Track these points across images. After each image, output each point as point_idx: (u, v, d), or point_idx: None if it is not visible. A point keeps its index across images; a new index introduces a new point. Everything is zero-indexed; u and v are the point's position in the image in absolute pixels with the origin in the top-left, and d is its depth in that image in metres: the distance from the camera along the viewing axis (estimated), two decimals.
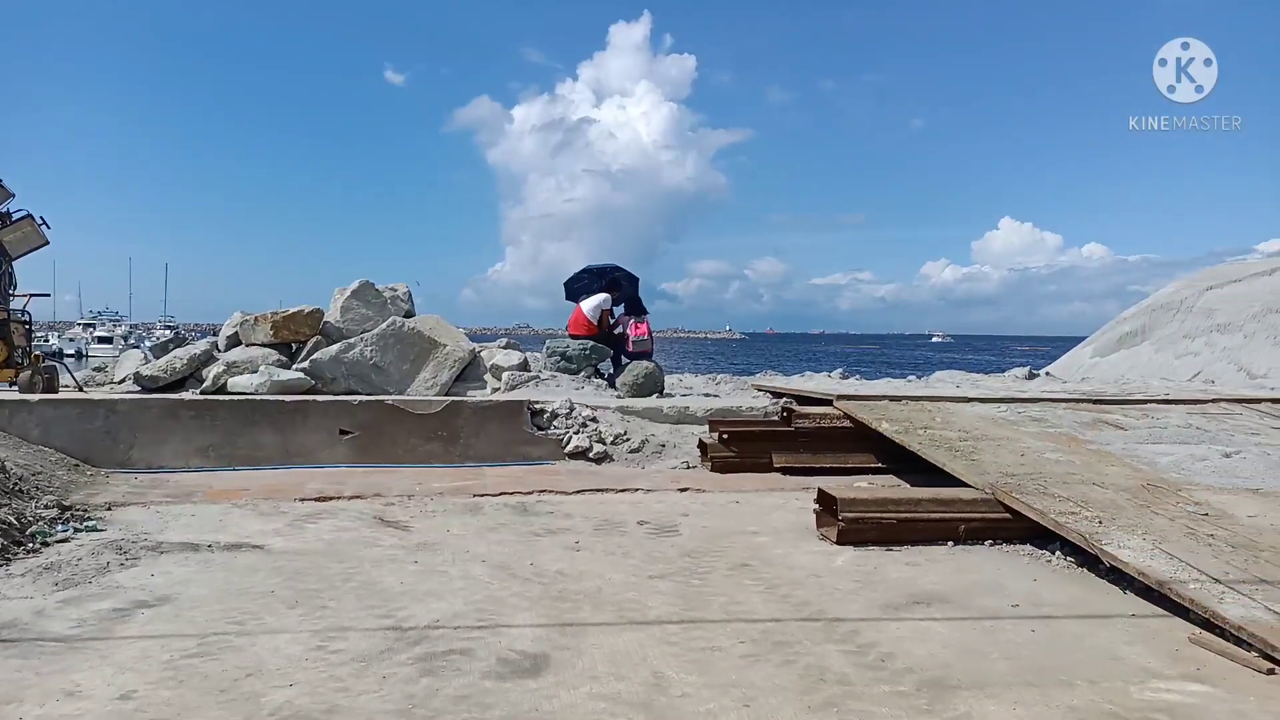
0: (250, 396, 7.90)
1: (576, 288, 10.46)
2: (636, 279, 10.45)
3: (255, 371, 8.30)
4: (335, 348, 8.61)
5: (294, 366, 8.60)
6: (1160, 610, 4.06)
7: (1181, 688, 3.23)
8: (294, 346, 9.06)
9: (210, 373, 8.34)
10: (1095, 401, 8.28)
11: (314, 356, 8.57)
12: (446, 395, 8.44)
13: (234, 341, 9.15)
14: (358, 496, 6.38)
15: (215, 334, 9.82)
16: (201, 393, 8.15)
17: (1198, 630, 3.77)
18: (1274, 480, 5.88)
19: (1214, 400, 8.51)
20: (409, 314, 9.51)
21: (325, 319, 9.23)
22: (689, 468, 7.71)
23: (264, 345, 8.88)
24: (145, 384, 8.38)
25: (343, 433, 7.70)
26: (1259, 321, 14.52)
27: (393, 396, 8.11)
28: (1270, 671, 3.35)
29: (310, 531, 5.41)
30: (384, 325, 8.78)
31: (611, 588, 4.35)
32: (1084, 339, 17.76)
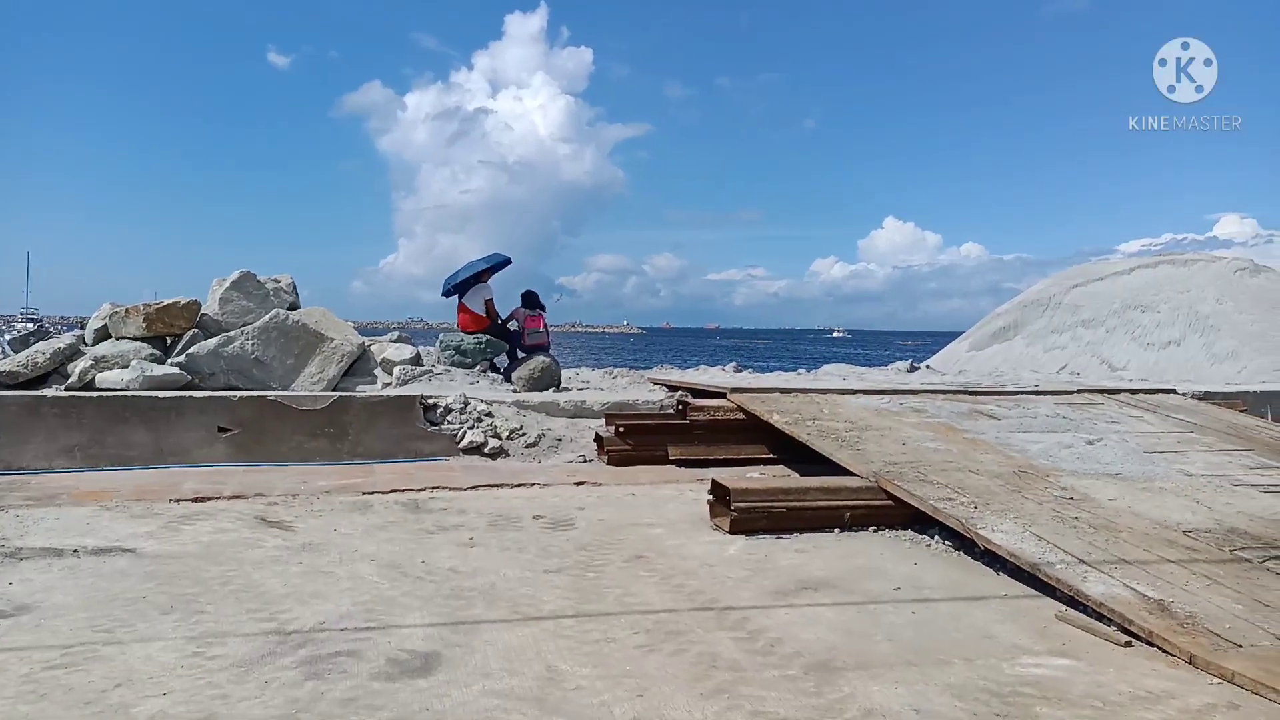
0: (120, 392, 7.46)
1: (450, 291, 10.20)
2: (501, 257, 10.30)
3: (126, 366, 7.85)
4: (214, 341, 8.22)
5: (169, 361, 8.17)
6: (1030, 590, 4.29)
7: (1048, 662, 3.42)
8: (169, 340, 8.60)
9: (76, 368, 7.85)
10: (971, 393, 8.68)
11: (190, 350, 8.16)
12: (334, 390, 8.18)
13: (103, 335, 8.62)
14: (238, 496, 6.12)
15: (82, 327, 9.24)
16: (67, 389, 7.66)
17: (1064, 608, 4.01)
18: (1132, 466, 6.30)
19: (1079, 391, 9.04)
20: (293, 306, 9.17)
21: (203, 311, 8.80)
22: (586, 461, 7.71)
23: (136, 339, 8.40)
24: (3, 380, 7.81)
25: (221, 430, 7.37)
26: (1119, 317, 15.53)
27: (276, 392, 7.81)
28: (1127, 644, 3.59)
29: (186, 533, 5.15)
30: (266, 318, 8.44)
31: (506, 583, 4.31)
32: (961, 334, 18.60)
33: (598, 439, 7.84)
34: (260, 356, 8.23)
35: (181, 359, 8.10)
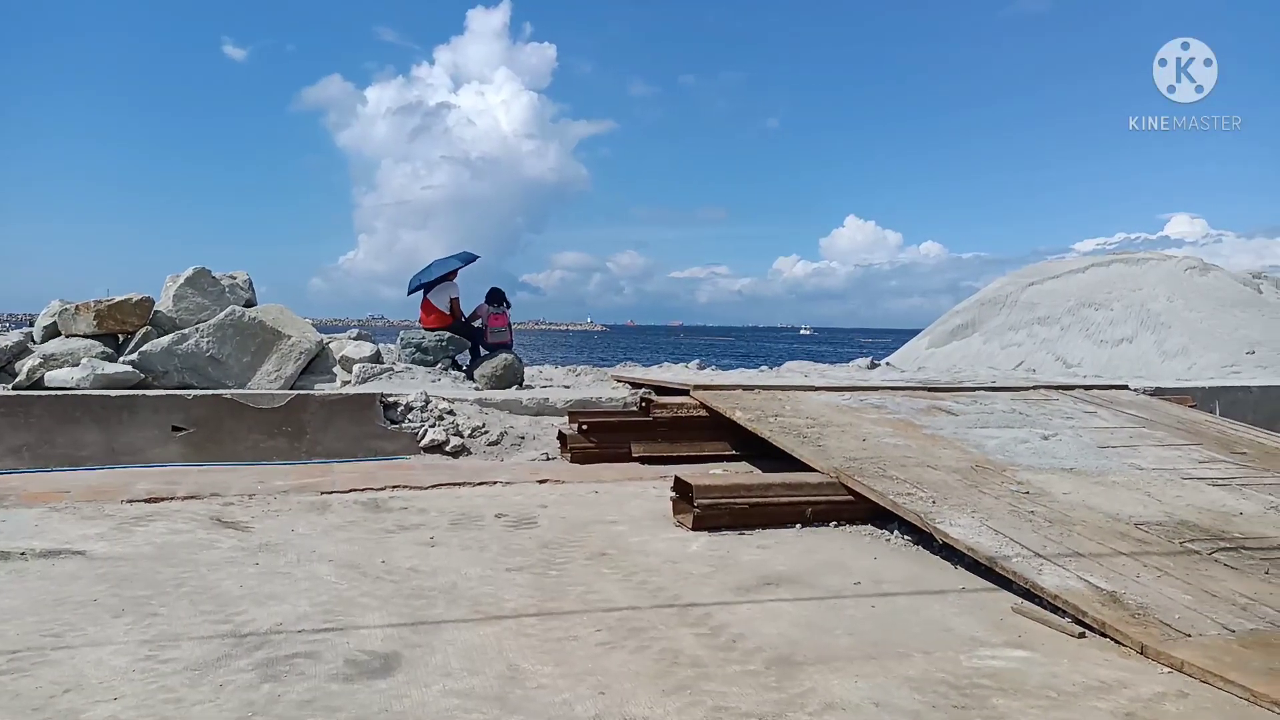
0: (71, 391, 7.29)
1: (417, 289, 10.08)
2: (468, 254, 10.20)
3: (76, 364, 7.67)
4: (168, 339, 8.06)
5: (121, 359, 8.00)
6: (987, 583, 4.35)
7: (1005, 654, 3.47)
8: (121, 338, 8.43)
9: (24, 366, 7.66)
10: (930, 389, 8.78)
11: (144, 348, 7.99)
12: (291, 389, 8.06)
13: (52, 332, 8.41)
14: (193, 497, 6.00)
15: (31, 324, 9.01)
16: (14, 388, 7.47)
17: (1020, 600, 4.08)
18: (1085, 460, 6.42)
19: (1034, 387, 9.19)
20: (249, 303, 9.02)
21: (156, 308, 8.62)
22: (549, 459, 7.68)
23: (87, 336, 8.21)
24: None
25: (176, 429, 7.22)
26: (1073, 315, 15.83)
27: (232, 390, 7.68)
28: (1081, 635, 3.65)
29: (139, 534, 5.05)
30: (222, 315, 8.30)
31: (467, 582, 4.27)
32: (921, 331, 18.84)
33: (561, 436, 7.82)
34: (216, 354, 8.09)
35: (134, 357, 7.94)
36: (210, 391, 7.58)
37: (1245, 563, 4.40)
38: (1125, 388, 9.57)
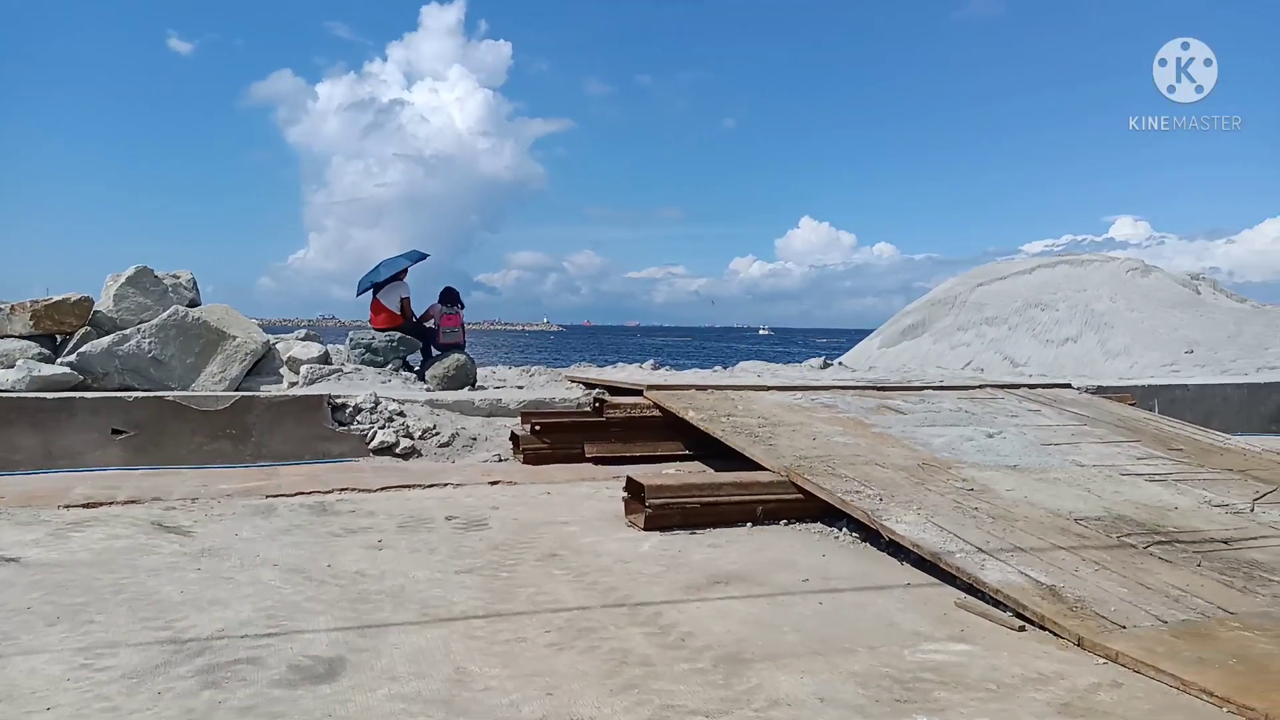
0: (5, 394, 7.07)
1: (367, 289, 9.94)
2: (417, 253, 10.07)
3: (11, 366, 7.45)
4: (108, 340, 7.86)
5: (59, 360, 7.78)
6: (932, 578, 4.43)
7: (947, 648, 3.53)
8: (59, 339, 8.20)
9: None
10: (879, 389, 8.91)
11: (83, 349, 7.79)
12: (237, 390, 7.91)
13: None
14: (133, 501, 5.86)
15: None
16: None
17: (963, 595, 4.15)
18: (1029, 457, 6.56)
19: (980, 386, 9.37)
20: (194, 303, 8.83)
21: (96, 308, 8.41)
22: (501, 461, 7.64)
23: (22, 337, 7.98)
24: None
25: (116, 432, 7.04)
26: (1020, 315, 16.18)
27: (175, 392, 7.51)
28: (1021, 629, 3.73)
29: (76, 540, 4.91)
30: (165, 315, 8.11)
31: (415, 585, 4.23)
32: (874, 330, 19.11)
33: (513, 437, 7.78)
34: (158, 355, 7.91)
35: (73, 358, 7.73)
36: (152, 393, 7.41)
37: (1179, 556, 4.54)
38: (1068, 386, 9.79)
